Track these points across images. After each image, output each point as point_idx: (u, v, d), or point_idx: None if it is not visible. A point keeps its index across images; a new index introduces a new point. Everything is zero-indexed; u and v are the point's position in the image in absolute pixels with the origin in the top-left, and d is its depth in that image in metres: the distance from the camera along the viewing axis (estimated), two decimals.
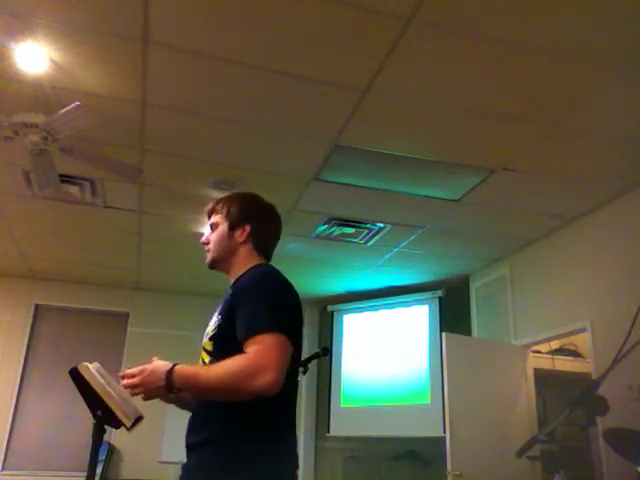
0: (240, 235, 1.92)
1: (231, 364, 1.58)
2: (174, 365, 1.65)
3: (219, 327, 1.76)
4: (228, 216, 1.94)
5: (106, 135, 3.78)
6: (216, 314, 1.83)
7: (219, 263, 1.96)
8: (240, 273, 1.89)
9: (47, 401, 6.57)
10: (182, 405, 1.93)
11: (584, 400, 1.96)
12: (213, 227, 1.97)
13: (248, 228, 1.93)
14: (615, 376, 2.01)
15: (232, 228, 1.93)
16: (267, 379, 1.53)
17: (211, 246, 1.95)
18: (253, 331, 1.62)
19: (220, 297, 1.99)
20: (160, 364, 1.67)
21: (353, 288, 6.85)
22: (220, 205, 1.98)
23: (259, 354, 1.56)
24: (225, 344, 1.71)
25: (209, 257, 1.96)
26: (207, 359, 1.77)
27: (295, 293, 1.81)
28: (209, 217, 2.02)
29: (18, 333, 6.71)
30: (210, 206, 2.02)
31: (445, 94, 3.28)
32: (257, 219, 1.96)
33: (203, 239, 1.98)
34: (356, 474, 6.85)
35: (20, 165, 4.13)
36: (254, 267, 1.89)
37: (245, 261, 1.91)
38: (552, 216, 4.74)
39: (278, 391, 1.55)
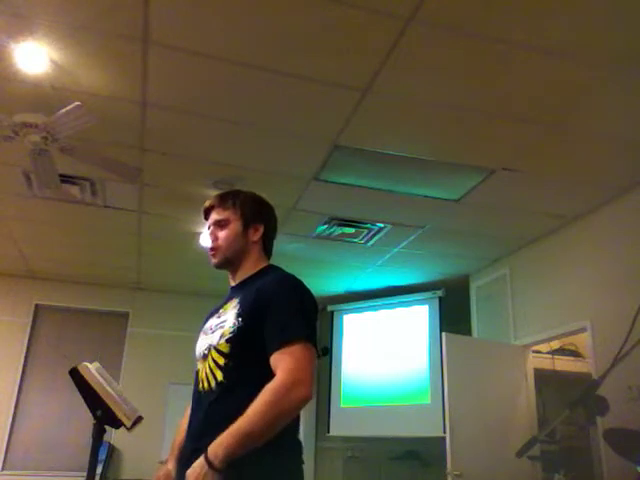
0: (253, 234, 1.91)
1: (266, 396, 1.56)
2: (206, 453, 1.53)
3: (239, 330, 1.72)
4: (243, 215, 1.91)
5: (106, 135, 3.78)
6: (232, 315, 1.77)
7: (229, 262, 1.91)
8: (250, 273, 1.89)
9: (47, 401, 6.57)
10: None
11: (584, 400, 1.96)
12: (222, 224, 1.91)
13: (261, 228, 1.93)
14: (615, 376, 2.01)
15: (246, 227, 1.91)
16: (303, 392, 1.57)
17: (222, 244, 1.89)
18: (286, 341, 1.64)
19: (221, 297, 1.97)
20: (196, 465, 1.54)
21: (353, 288, 6.85)
22: (229, 202, 1.92)
23: (292, 370, 1.59)
24: (245, 347, 1.71)
25: (219, 255, 1.90)
26: (221, 361, 1.73)
27: (314, 298, 1.82)
28: (209, 213, 1.96)
29: (18, 333, 6.71)
30: (213, 202, 1.95)
31: (445, 94, 3.28)
32: (268, 219, 1.97)
33: (211, 236, 1.92)
34: (356, 474, 6.86)
35: (20, 165, 4.13)
36: (269, 269, 1.90)
37: (255, 261, 1.91)
38: (552, 216, 4.74)
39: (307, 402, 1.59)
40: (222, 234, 1.90)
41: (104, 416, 1.98)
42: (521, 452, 2.13)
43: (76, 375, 2.04)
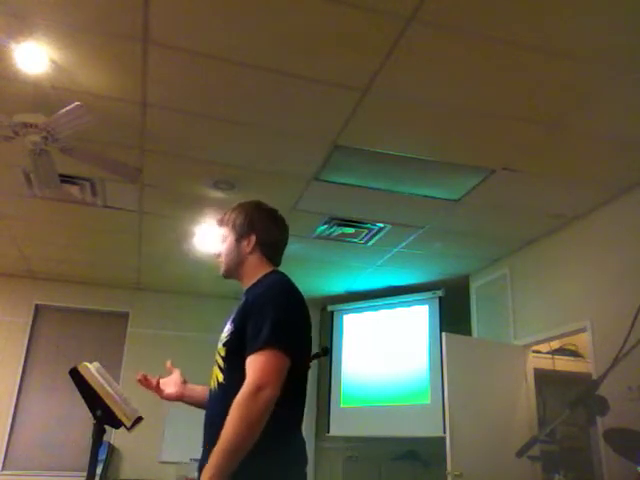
0: (247, 245, 2.00)
1: (234, 409, 1.66)
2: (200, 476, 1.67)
3: (231, 334, 1.85)
4: (234, 228, 2.02)
5: (106, 135, 3.78)
6: (230, 320, 1.90)
7: (232, 273, 2.04)
8: (252, 281, 1.98)
9: (47, 401, 6.58)
10: (194, 403, 2.11)
11: (584, 400, 1.96)
12: (222, 239, 2.05)
13: (254, 238, 2.00)
14: (615, 376, 2.00)
15: (239, 239, 2.01)
16: (266, 394, 1.65)
17: (222, 258, 2.04)
18: (255, 347, 1.73)
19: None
20: None
21: (353, 288, 6.85)
22: (227, 217, 2.06)
23: (255, 376, 1.68)
24: (237, 351, 1.80)
25: (222, 268, 2.05)
26: (221, 363, 1.86)
27: (301, 302, 1.89)
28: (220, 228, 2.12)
29: (18, 333, 6.71)
30: (219, 218, 2.11)
31: (445, 94, 3.28)
32: (262, 227, 2.03)
33: (215, 251, 2.08)
34: (356, 474, 6.86)
35: (20, 165, 4.13)
36: (265, 276, 1.97)
37: (255, 269, 1.99)
38: (552, 216, 4.74)
39: (275, 401, 1.67)
40: (222, 249, 2.05)
41: (104, 416, 1.98)
42: (521, 452, 2.12)
43: (76, 375, 2.04)
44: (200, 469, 1.76)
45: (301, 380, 1.85)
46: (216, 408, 1.80)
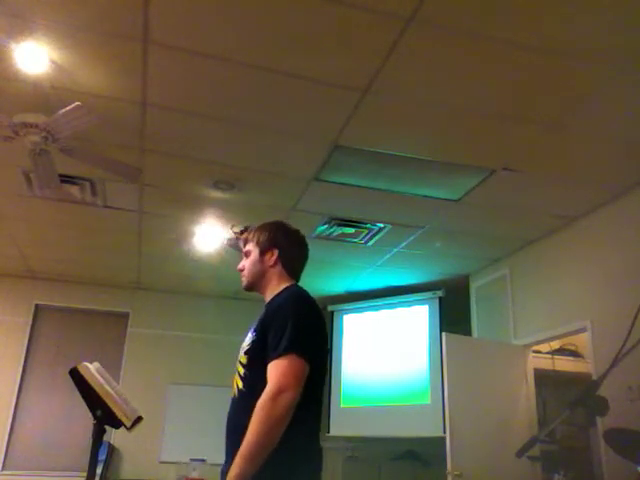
0: (269, 259, 2.14)
1: (257, 412, 1.74)
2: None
3: (253, 343, 1.96)
4: (258, 243, 2.17)
5: (106, 135, 3.78)
6: (251, 330, 2.02)
7: (254, 286, 2.18)
8: (273, 294, 2.10)
9: (47, 401, 6.58)
10: None
11: (584, 400, 1.96)
12: (247, 254, 2.19)
13: (276, 252, 2.14)
14: (615, 376, 2.00)
15: (262, 253, 2.15)
16: (287, 397, 1.74)
17: (246, 272, 2.18)
18: (276, 354, 1.83)
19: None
20: None
21: (353, 288, 6.85)
22: (252, 234, 2.21)
23: (276, 380, 1.77)
24: (258, 359, 1.90)
25: (245, 281, 2.19)
26: (242, 371, 1.96)
27: (319, 313, 2.02)
28: (244, 246, 2.25)
29: (18, 333, 6.71)
30: (244, 236, 2.26)
31: (445, 94, 3.28)
32: (283, 243, 2.17)
33: (239, 266, 2.21)
34: (356, 474, 6.85)
35: (20, 165, 4.13)
36: (286, 289, 2.09)
37: (276, 283, 2.12)
38: (552, 216, 4.74)
39: (296, 404, 1.76)
40: (246, 263, 2.19)
41: (104, 416, 1.99)
42: (521, 452, 2.13)
43: (76, 375, 2.04)
44: (224, 473, 1.81)
45: (319, 386, 1.94)
46: (238, 414, 1.89)
